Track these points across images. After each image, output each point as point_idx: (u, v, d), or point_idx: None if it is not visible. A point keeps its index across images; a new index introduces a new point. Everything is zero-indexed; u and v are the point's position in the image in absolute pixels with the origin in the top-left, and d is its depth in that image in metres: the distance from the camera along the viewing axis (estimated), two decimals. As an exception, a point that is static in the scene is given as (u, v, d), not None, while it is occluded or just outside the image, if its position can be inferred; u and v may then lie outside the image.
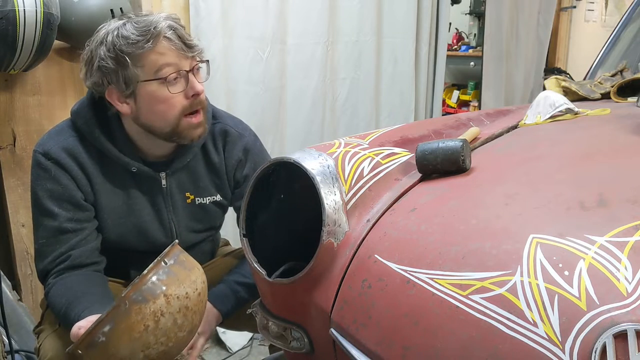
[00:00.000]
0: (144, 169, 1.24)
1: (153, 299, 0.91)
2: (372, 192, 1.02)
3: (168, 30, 1.11)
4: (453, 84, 4.68)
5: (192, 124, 1.17)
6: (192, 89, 1.14)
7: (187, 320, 0.96)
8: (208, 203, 1.34)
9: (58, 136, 1.22)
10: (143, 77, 1.12)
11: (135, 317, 0.90)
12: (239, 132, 1.35)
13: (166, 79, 1.12)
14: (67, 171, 1.19)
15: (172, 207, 1.30)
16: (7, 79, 1.77)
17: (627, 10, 2.14)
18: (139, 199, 1.27)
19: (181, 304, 0.94)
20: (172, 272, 0.95)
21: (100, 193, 1.23)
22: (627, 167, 0.98)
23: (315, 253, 0.93)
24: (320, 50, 2.43)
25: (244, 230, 1.04)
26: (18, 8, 1.50)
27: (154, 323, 0.91)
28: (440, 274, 0.81)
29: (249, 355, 2.25)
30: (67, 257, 1.18)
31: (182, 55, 1.13)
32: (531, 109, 1.41)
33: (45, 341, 1.21)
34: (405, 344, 0.80)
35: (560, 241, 0.76)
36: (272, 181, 1.07)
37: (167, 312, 0.92)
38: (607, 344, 0.65)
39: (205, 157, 1.31)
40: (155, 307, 0.91)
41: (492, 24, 2.94)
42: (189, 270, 1.00)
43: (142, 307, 0.90)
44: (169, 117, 1.15)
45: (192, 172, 1.30)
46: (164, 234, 1.31)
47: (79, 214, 1.20)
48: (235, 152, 1.33)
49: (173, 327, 0.94)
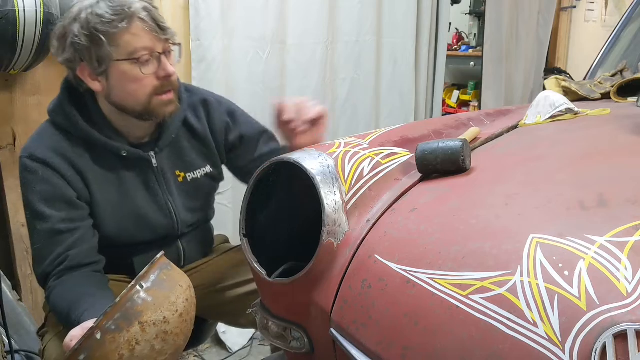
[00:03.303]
0: (133, 150, 1.24)
1: (127, 328, 0.88)
2: (372, 192, 1.02)
3: (142, 11, 1.12)
4: (453, 84, 4.68)
5: (164, 101, 1.19)
6: (163, 70, 1.16)
7: (168, 344, 0.93)
8: (199, 177, 1.34)
9: (40, 137, 1.22)
10: (116, 56, 1.13)
11: (109, 346, 0.87)
12: (217, 99, 1.38)
13: (139, 60, 1.13)
14: (56, 170, 1.18)
15: (166, 186, 1.30)
16: (7, 79, 1.77)
17: (627, 10, 2.14)
18: (132, 184, 1.26)
19: (158, 330, 0.91)
20: (148, 296, 0.92)
21: (93, 186, 1.22)
22: (627, 167, 0.98)
23: (315, 253, 0.93)
24: (320, 50, 2.43)
25: (244, 230, 1.04)
26: (18, 8, 1.50)
27: (129, 352, 0.88)
28: (440, 274, 0.81)
29: (249, 355, 2.25)
30: (64, 257, 1.17)
31: (155, 37, 1.14)
32: (531, 109, 1.41)
33: (50, 343, 1.21)
34: (405, 344, 0.80)
35: (560, 241, 0.76)
36: (272, 181, 1.07)
37: (143, 339, 0.89)
38: (607, 344, 0.65)
39: (189, 130, 1.32)
40: (130, 336, 0.88)
41: (492, 24, 2.94)
42: (169, 291, 0.96)
43: (116, 336, 0.87)
44: (140, 97, 1.17)
45: (178, 149, 1.31)
46: (162, 215, 1.30)
47: (72, 213, 1.19)
48: (219, 117, 1.35)
49: (151, 354, 0.91)
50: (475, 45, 4.42)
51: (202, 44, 2.10)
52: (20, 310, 1.79)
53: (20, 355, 1.67)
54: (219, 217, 1.58)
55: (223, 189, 2.21)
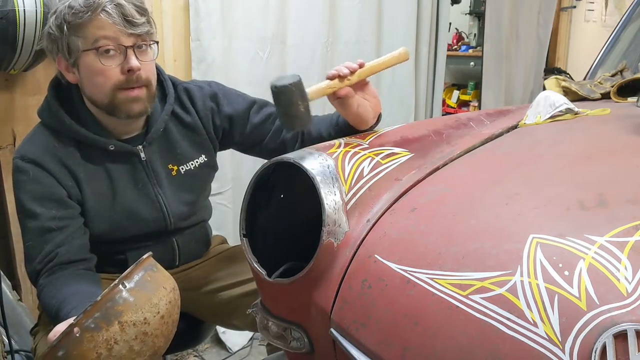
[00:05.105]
0: (120, 144, 1.26)
1: (106, 327, 0.88)
2: (372, 192, 1.02)
3: (109, 4, 1.14)
4: (453, 84, 4.68)
5: (129, 97, 1.19)
6: (127, 63, 1.16)
7: (147, 345, 0.93)
8: (194, 168, 1.35)
9: (31, 139, 1.24)
10: (83, 47, 1.16)
11: (87, 344, 0.87)
12: (198, 86, 1.38)
13: (98, 50, 1.15)
14: (46, 169, 1.20)
15: (155, 179, 1.31)
16: (7, 79, 1.77)
17: (627, 10, 2.14)
18: (121, 179, 1.28)
19: (138, 331, 0.91)
20: (130, 296, 0.91)
21: (84, 183, 1.24)
22: (627, 167, 0.98)
23: (315, 253, 0.93)
24: (320, 51, 2.43)
25: (244, 230, 1.04)
26: (18, 8, 1.50)
27: (106, 351, 0.88)
28: (440, 274, 0.81)
29: (249, 355, 2.25)
30: (54, 255, 1.18)
31: (121, 30, 1.15)
32: (531, 109, 1.41)
33: (41, 342, 1.22)
34: (405, 344, 0.80)
35: (560, 241, 0.76)
36: (272, 181, 1.07)
37: (122, 339, 0.89)
38: (607, 344, 0.65)
39: (178, 121, 1.34)
40: (109, 335, 0.88)
41: (492, 24, 2.94)
42: (151, 292, 0.95)
43: (95, 335, 0.87)
44: (104, 89, 1.18)
45: (169, 142, 1.32)
46: (153, 209, 1.31)
47: (62, 211, 1.21)
48: (203, 104, 1.36)
49: (129, 354, 0.91)
50: (475, 45, 4.42)
51: (202, 44, 2.10)
52: (20, 310, 1.79)
53: (20, 355, 1.67)
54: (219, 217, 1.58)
55: (223, 189, 2.21)
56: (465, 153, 1.17)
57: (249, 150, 1.45)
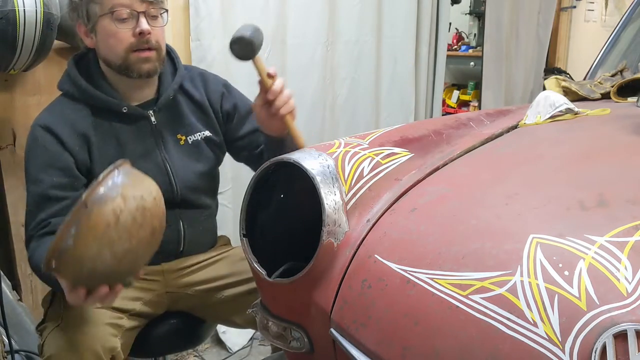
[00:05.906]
0: (133, 107, 1.34)
1: (111, 199, 0.96)
2: (372, 192, 1.02)
3: None
4: (453, 84, 4.68)
5: (141, 57, 1.29)
6: (138, 27, 1.26)
7: (146, 220, 1.00)
8: (200, 139, 1.42)
9: (48, 107, 1.33)
10: (100, 12, 1.27)
11: (96, 216, 0.94)
12: (213, 75, 1.51)
13: (113, 14, 1.25)
14: (55, 134, 1.26)
15: (163, 145, 1.37)
16: (7, 79, 1.77)
17: (627, 10, 2.14)
18: (130, 142, 1.34)
19: (138, 204, 0.99)
20: (125, 176, 1.01)
21: (94, 147, 1.30)
22: (627, 167, 0.98)
23: (315, 253, 0.93)
24: (320, 50, 2.43)
25: (244, 230, 1.04)
26: (18, 8, 1.49)
27: (114, 219, 0.95)
28: (440, 274, 0.81)
29: (249, 355, 2.25)
30: (46, 223, 1.22)
31: None
32: (531, 109, 1.41)
33: (49, 337, 1.21)
34: (405, 344, 0.80)
35: (560, 241, 0.76)
36: (272, 181, 1.07)
37: (126, 209, 0.97)
38: (607, 344, 0.65)
39: (187, 96, 1.42)
40: (114, 205, 0.96)
41: (492, 24, 2.94)
42: (141, 180, 1.05)
43: (102, 206, 0.95)
44: (118, 51, 1.28)
45: (177, 113, 1.40)
46: (159, 173, 1.34)
47: (65, 179, 1.26)
48: (215, 87, 1.46)
49: (134, 225, 0.98)
50: (475, 45, 4.42)
51: (202, 44, 2.10)
52: (20, 310, 1.79)
53: (20, 355, 1.67)
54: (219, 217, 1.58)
55: (223, 189, 2.20)
56: (465, 153, 1.17)
57: (235, 155, 1.52)
